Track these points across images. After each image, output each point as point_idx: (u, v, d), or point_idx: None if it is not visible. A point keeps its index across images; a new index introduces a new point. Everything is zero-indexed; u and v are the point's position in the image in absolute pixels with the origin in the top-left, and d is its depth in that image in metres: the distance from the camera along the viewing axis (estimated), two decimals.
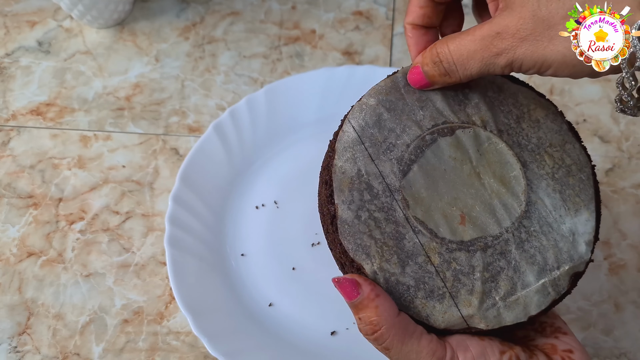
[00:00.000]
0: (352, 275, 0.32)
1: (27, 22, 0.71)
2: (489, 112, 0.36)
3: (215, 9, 0.71)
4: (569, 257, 0.34)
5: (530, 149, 0.36)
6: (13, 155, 0.62)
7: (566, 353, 0.33)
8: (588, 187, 0.35)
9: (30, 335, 0.53)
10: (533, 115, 0.36)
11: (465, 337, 0.33)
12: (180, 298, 0.49)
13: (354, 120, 0.35)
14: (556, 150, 0.35)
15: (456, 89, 0.36)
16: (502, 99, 0.37)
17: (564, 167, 0.35)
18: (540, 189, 0.35)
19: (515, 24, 0.29)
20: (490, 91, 0.37)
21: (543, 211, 0.34)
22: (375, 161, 0.34)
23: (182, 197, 0.54)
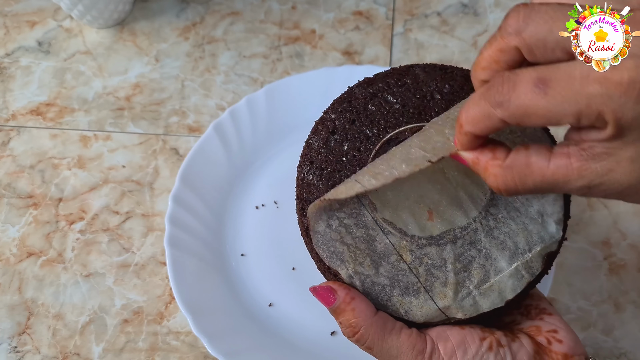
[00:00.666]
0: (327, 283, 0.34)
1: (27, 22, 0.71)
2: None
3: (215, 9, 0.71)
4: (539, 238, 0.34)
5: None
6: (13, 155, 0.62)
7: (550, 333, 0.34)
8: None
9: (30, 335, 0.53)
10: None
11: (445, 328, 0.33)
12: (180, 298, 0.49)
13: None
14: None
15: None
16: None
17: None
18: None
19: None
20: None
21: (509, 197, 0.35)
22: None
23: (182, 197, 0.54)
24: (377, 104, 0.37)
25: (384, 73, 0.38)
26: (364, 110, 0.37)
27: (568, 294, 0.53)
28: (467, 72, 0.37)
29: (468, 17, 0.68)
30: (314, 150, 0.37)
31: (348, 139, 0.37)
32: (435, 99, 0.36)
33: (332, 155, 0.37)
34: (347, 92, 0.38)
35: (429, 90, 0.36)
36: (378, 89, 0.37)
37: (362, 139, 0.36)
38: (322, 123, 0.38)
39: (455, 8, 0.69)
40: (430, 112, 0.36)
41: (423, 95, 0.36)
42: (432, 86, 0.36)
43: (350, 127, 0.37)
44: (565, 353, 0.33)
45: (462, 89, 0.36)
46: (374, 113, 0.37)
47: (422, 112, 0.36)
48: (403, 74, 0.37)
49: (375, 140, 0.36)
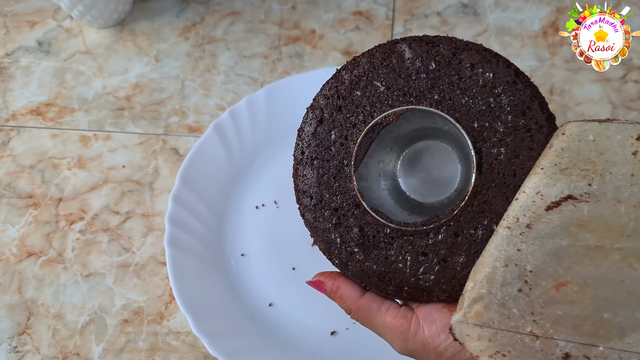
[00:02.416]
0: (316, 276, 0.38)
1: (27, 22, 0.71)
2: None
3: (215, 9, 0.71)
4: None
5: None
6: (13, 155, 0.62)
7: None
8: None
9: (30, 335, 0.53)
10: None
11: (434, 310, 0.34)
12: (180, 298, 0.49)
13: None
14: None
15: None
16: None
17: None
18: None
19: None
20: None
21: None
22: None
23: (182, 197, 0.54)
24: (362, 88, 0.37)
25: (369, 52, 0.37)
26: (349, 96, 0.37)
27: None
28: (456, 44, 0.36)
29: (468, 17, 0.68)
30: (305, 140, 0.38)
31: (335, 127, 0.37)
32: (420, 78, 0.36)
33: (321, 146, 0.37)
34: (335, 76, 0.38)
35: (414, 69, 0.36)
36: (363, 71, 0.37)
37: (348, 127, 0.37)
38: (312, 111, 0.38)
39: (455, 8, 0.69)
40: (415, 94, 0.36)
41: (408, 75, 0.36)
42: (417, 64, 0.36)
43: (337, 114, 0.37)
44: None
45: (450, 64, 0.35)
46: (359, 98, 0.37)
47: (406, 94, 0.36)
48: (388, 52, 0.37)
49: (361, 127, 0.36)
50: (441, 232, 0.34)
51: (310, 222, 0.38)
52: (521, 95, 0.33)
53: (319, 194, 0.37)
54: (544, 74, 0.64)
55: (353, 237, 0.36)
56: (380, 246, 0.36)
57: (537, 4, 0.69)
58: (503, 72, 0.34)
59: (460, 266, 0.34)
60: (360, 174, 0.37)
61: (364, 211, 0.36)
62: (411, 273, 0.35)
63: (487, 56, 0.35)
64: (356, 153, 0.36)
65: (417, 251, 0.35)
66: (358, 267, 0.36)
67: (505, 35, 0.67)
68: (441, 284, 0.34)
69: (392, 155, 0.42)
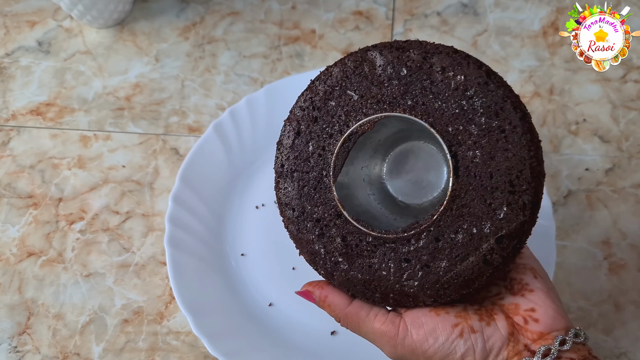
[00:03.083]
0: (305, 286, 0.38)
1: (27, 22, 0.71)
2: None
3: (215, 8, 0.71)
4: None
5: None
6: (13, 155, 0.62)
7: (527, 312, 0.34)
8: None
9: (30, 335, 0.53)
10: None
11: (421, 314, 0.35)
12: (180, 298, 0.49)
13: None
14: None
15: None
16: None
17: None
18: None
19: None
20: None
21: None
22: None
23: (182, 197, 0.54)
24: (336, 98, 0.37)
25: (341, 61, 0.37)
26: (324, 107, 0.37)
27: (568, 294, 0.53)
28: (426, 47, 0.35)
29: (468, 17, 0.68)
30: (283, 153, 0.38)
31: (312, 139, 0.37)
32: (392, 85, 0.35)
33: (299, 158, 0.38)
34: (309, 87, 0.38)
35: (386, 76, 0.36)
36: (336, 81, 0.37)
37: (325, 137, 0.37)
38: (289, 123, 0.38)
39: (455, 8, 0.69)
40: (388, 100, 0.35)
41: (381, 82, 0.36)
42: (388, 71, 0.36)
43: (314, 126, 0.37)
44: (540, 332, 0.33)
45: (421, 68, 0.35)
46: (334, 108, 0.37)
47: (380, 101, 0.36)
48: (360, 60, 0.37)
49: (337, 137, 0.37)
50: (422, 237, 0.35)
51: (294, 234, 0.38)
52: (493, 96, 0.33)
53: (301, 206, 0.37)
54: (543, 74, 0.64)
55: (336, 247, 0.36)
56: (363, 255, 0.36)
57: (537, 4, 0.69)
58: (474, 73, 0.34)
59: (443, 271, 0.34)
60: (341, 183, 0.37)
61: (345, 220, 0.36)
62: (395, 280, 0.35)
63: (458, 58, 0.34)
64: (334, 163, 0.36)
65: (400, 258, 0.35)
66: (343, 276, 0.36)
67: (505, 35, 0.67)
68: (425, 289, 0.34)
69: (377, 159, 0.42)
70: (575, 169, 0.58)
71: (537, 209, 0.33)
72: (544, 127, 0.61)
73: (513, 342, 0.33)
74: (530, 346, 0.33)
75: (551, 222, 0.51)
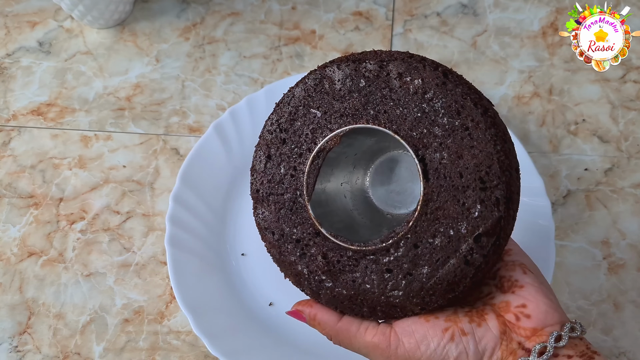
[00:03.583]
0: (295, 306, 0.38)
1: (27, 22, 0.72)
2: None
3: (215, 9, 0.71)
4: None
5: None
6: (14, 155, 0.62)
7: (519, 309, 0.33)
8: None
9: (31, 335, 0.53)
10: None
11: (411, 322, 0.34)
12: (181, 297, 0.49)
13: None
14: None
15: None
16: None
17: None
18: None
19: None
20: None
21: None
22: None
23: (183, 196, 0.54)
24: (301, 118, 0.37)
25: (303, 80, 0.38)
26: (291, 127, 0.37)
27: (567, 294, 0.53)
28: (381, 56, 0.35)
29: (467, 18, 0.69)
30: (257, 178, 0.38)
31: (283, 160, 0.38)
32: (353, 97, 0.36)
33: (272, 181, 0.38)
34: (275, 110, 0.39)
35: (345, 89, 0.36)
36: (299, 101, 0.37)
37: (295, 157, 0.37)
38: (260, 148, 0.39)
39: (455, 8, 0.69)
40: (351, 113, 0.36)
41: (342, 96, 0.36)
42: (347, 84, 0.36)
43: (283, 147, 0.38)
44: (533, 328, 0.32)
45: (378, 77, 0.35)
46: (300, 128, 0.37)
47: (343, 115, 0.36)
48: (319, 77, 0.37)
49: (307, 156, 0.37)
50: (401, 246, 0.34)
51: (276, 257, 0.38)
52: (453, 94, 0.33)
53: (280, 229, 0.37)
54: (543, 74, 0.64)
55: (319, 265, 0.36)
56: (346, 270, 0.36)
57: (536, 4, 0.69)
58: (431, 75, 0.34)
59: (426, 277, 0.34)
60: (318, 201, 0.37)
61: (324, 238, 0.36)
62: (380, 292, 0.35)
63: (413, 63, 0.34)
64: (306, 182, 0.36)
65: (382, 269, 0.35)
66: (329, 294, 0.36)
67: (505, 36, 0.67)
68: (411, 297, 0.34)
69: (359, 173, 0.42)
70: (574, 169, 0.59)
71: (512, 202, 0.33)
72: (544, 127, 0.61)
73: (506, 341, 0.33)
74: (525, 344, 0.32)
75: (550, 222, 0.51)
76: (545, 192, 0.52)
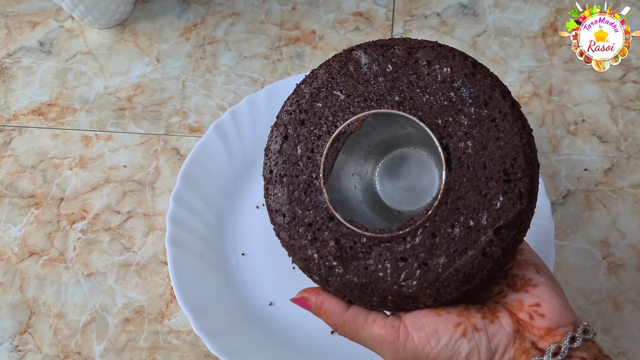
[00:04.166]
0: (300, 293, 0.37)
1: (28, 22, 0.72)
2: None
3: (216, 9, 0.71)
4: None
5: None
6: (15, 155, 0.62)
7: (532, 308, 0.33)
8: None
9: (31, 334, 0.53)
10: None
11: (421, 315, 0.33)
12: (181, 297, 0.49)
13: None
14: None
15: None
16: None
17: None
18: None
19: None
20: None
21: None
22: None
23: (183, 196, 0.54)
24: (323, 100, 0.36)
25: (327, 62, 0.37)
26: (311, 109, 0.36)
27: (567, 294, 0.53)
28: (410, 43, 0.35)
29: (467, 18, 0.69)
30: (272, 158, 0.37)
31: (300, 142, 0.36)
32: (379, 82, 0.35)
33: (288, 162, 0.37)
34: (295, 91, 0.37)
35: (371, 74, 0.35)
36: (322, 82, 0.36)
37: (313, 139, 0.36)
38: (277, 128, 0.38)
39: (455, 9, 0.69)
40: (376, 98, 0.35)
41: (367, 80, 0.35)
42: (374, 68, 0.35)
43: (301, 129, 0.37)
44: (547, 327, 0.32)
45: (406, 64, 0.35)
46: (321, 109, 0.36)
47: (367, 99, 0.35)
48: (345, 60, 0.36)
49: (326, 138, 0.36)
50: (418, 234, 0.33)
51: (285, 240, 0.37)
52: (481, 85, 0.33)
53: (292, 211, 0.36)
54: (542, 75, 0.64)
55: (330, 250, 0.35)
56: (358, 257, 0.34)
57: (536, 5, 0.69)
58: (460, 65, 0.33)
59: (442, 267, 0.33)
60: (332, 186, 0.36)
61: (338, 223, 0.35)
62: (393, 281, 0.34)
63: (443, 51, 0.34)
64: (324, 164, 0.35)
65: (396, 257, 0.34)
66: (339, 281, 0.35)
67: (505, 36, 0.67)
68: (424, 288, 0.33)
69: (368, 167, 0.41)
70: (574, 169, 0.59)
71: (533, 197, 0.32)
72: (543, 128, 0.61)
73: (519, 340, 0.32)
74: (538, 343, 0.31)
75: (550, 222, 0.51)
76: (545, 192, 0.52)
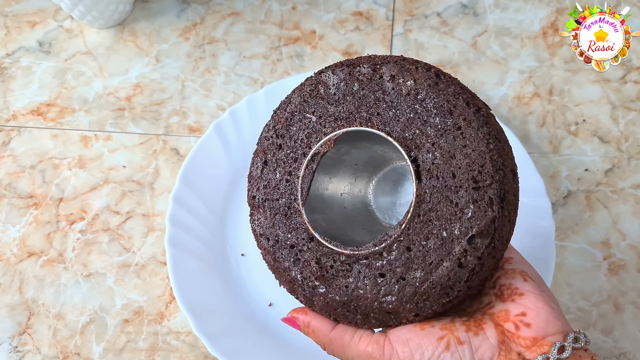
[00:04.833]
0: (290, 313, 0.38)
1: (27, 22, 0.72)
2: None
3: (215, 9, 0.71)
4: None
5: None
6: (14, 155, 0.62)
7: (518, 317, 0.32)
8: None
9: (30, 335, 0.53)
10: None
11: (405, 331, 0.33)
12: (181, 298, 0.49)
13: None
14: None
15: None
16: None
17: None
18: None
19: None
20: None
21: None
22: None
23: (183, 197, 0.54)
24: (297, 123, 0.37)
25: (299, 87, 0.38)
26: (287, 133, 0.37)
27: (568, 294, 0.53)
28: (375, 60, 0.36)
29: (468, 18, 0.68)
30: (254, 184, 0.38)
31: (279, 166, 0.38)
32: (347, 101, 0.36)
33: (268, 187, 0.38)
34: (272, 117, 0.39)
35: (340, 93, 0.36)
36: (295, 106, 0.37)
37: (290, 162, 0.37)
38: (257, 155, 0.39)
39: (455, 9, 0.69)
40: (345, 116, 0.36)
41: (336, 100, 0.36)
42: (341, 88, 0.36)
43: (279, 153, 0.38)
44: (534, 337, 0.31)
45: (372, 80, 0.35)
46: (296, 133, 0.37)
47: (337, 119, 0.36)
48: (315, 83, 0.37)
49: (302, 160, 0.37)
50: (393, 249, 0.33)
51: (271, 264, 0.38)
52: (445, 94, 0.33)
53: (274, 234, 0.37)
54: (543, 75, 0.64)
55: (312, 270, 0.36)
56: (339, 275, 0.35)
57: (536, 5, 0.69)
58: (423, 76, 0.34)
59: (419, 281, 0.33)
60: (314, 207, 0.37)
61: (318, 242, 0.36)
62: (373, 297, 0.34)
63: (406, 65, 0.34)
64: (301, 186, 0.36)
65: (375, 274, 0.34)
66: (322, 300, 0.36)
67: (505, 36, 0.67)
68: (404, 303, 0.33)
69: (360, 185, 0.42)
70: (574, 169, 0.58)
71: (506, 202, 0.32)
72: (544, 128, 0.61)
73: (505, 351, 0.31)
74: (524, 354, 0.31)
75: (551, 222, 0.51)
76: (546, 192, 0.52)
